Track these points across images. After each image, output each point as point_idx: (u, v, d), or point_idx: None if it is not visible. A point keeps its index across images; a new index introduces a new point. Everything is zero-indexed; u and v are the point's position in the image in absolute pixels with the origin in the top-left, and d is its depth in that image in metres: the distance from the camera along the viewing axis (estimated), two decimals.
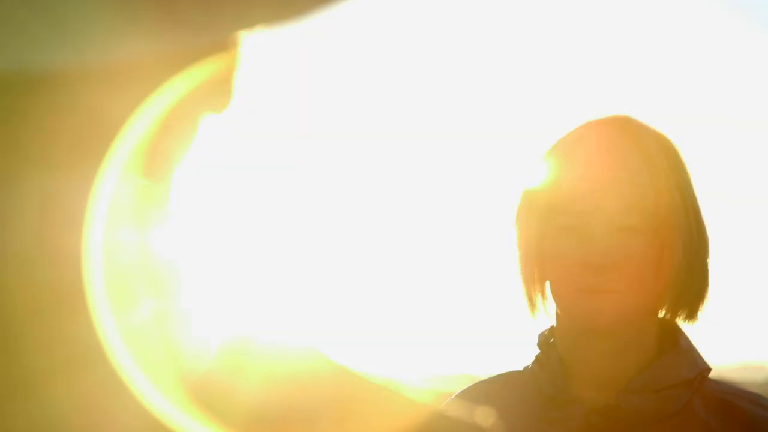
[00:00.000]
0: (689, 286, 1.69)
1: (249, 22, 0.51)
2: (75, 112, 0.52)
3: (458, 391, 1.82)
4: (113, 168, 0.53)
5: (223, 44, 0.55)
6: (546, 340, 1.76)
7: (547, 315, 1.76)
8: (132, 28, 0.49)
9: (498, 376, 1.82)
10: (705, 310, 1.73)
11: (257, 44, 0.56)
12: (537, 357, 1.77)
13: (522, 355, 1.82)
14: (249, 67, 0.58)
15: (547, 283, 1.73)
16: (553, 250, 1.69)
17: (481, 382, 1.83)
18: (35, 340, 0.52)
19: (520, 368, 1.81)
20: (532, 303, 1.75)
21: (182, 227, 0.59)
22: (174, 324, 0.56)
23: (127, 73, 0.52)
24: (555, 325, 1.75)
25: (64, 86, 0.51)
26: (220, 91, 0.57)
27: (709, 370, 1.73)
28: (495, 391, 1.79)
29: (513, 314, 1.80)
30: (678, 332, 1.73)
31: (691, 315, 1.72)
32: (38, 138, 0.52)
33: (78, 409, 0.52)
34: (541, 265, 1.72)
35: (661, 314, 1.73)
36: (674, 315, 1.72)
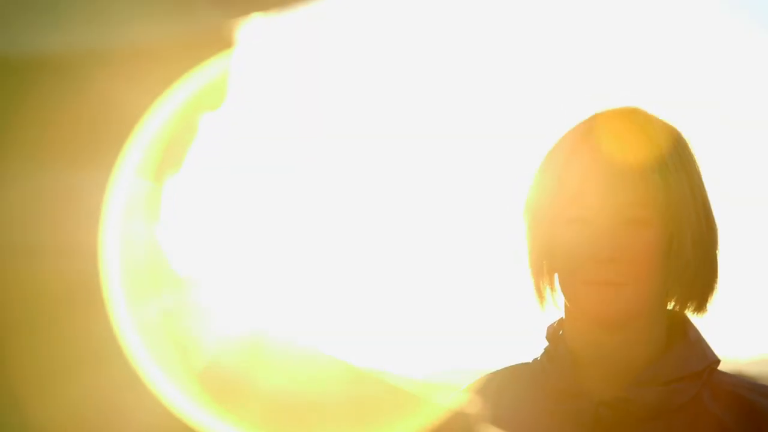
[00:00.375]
0: (698, 278, 1.69)
1: (255, 8, 0.51)
2: (90, 102, 0.52)
3: (467, 384, 1.82)
4: (129, 163, 0.53)
5: (222, 35, 0.55)
6: (555, 333, 1.76)
7: (556, 307, 1.76)
8: (142, 12, 0.49)
9: (507, 368, 1.82)
10: (714, 302, 1.72)
11: (257, 36, 0.56)
12: (546, 349, 1.77)
13: (531, 348, 1.82)
14: (247, 60, 0.58)
15: (556, 276, 1.73)
16: (562, 243, 1.68)
17: (490, 374, 1.83)
18: (51, 334, 0.52)
19: (530, 360, 1.81)
20: (541, 295, 1.75)
21: (194, 224, 0.59)
22: (189, 320, 0.56)
23: (140, 61, 0.52)
24: (564, 318, 1.75)
25: (77, 74, 0.51)
26: (216, 88, 0.57)
27: (718, 362, 1.72)
28: (504, 383, 1.79)
29: (523, 307, 1.80)
30: (687, 324, 1.73)
31: (700, 307, 1.72)
32: (53, 130, 0.52)
33: (93, 404, 0.52)
34: (550, 258, 1.72)
35: (670, 306, 1.73)
36: (683, 307, 1.72)
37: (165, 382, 0.53)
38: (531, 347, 1.82)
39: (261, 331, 0.59)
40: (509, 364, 1.83)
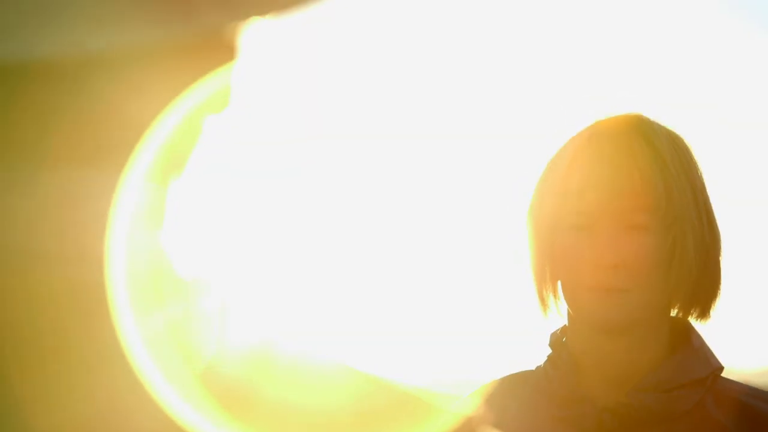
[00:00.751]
0: (701, 284, 1.69)
1: (257, 11, 0.51)
2: (95, 107, 0.52)
3: (471, 392, 1.82)
4: (135, 167, 0.53)
5: (223, 37, 0.55)
6: (558, 340, 1.76)
7: (559, 314, 1.76)
8: (139, 15, 0.48)
9: (511, 375, 1.82)
10: (718, 308, 1.72)
11: (260, 39, 0.56)
12: (549, 356, 1.77)
13: (534, 354, 1.82)
14: (251, 64, 0.58)
15: (559, 282, 1.73)
16: (564, 250, 1.68)
17: (493, 381, 1.82)
18: (55, 339, 0.52)
19: (533, 367, 1.80)
20: (543, 302, 1.75)
21: (200, 231, 0.58)
22: (195, 328, 0.56)
23: (143, 65, 0.52)
24: (567, 324, 1.75)
25: (81, 78, 0.51)
26: (220, 91, 0.57)
27: (721, 368, 1.72)
28: (508, 390, 1.79)
29: (526, 314, 1.80)
30: (690, 331, 1.73)
31: (704, 313, 1.72)
32: (58, 134, 0.51)
33: (98, 410, 0.52)
34: (553, 264, 1.72)
35: (673, 313, 1.73)
36: (686, 313, 1.72)
37: (169, 389, 0.53)
38: (534, 354, 1.82)
39: (267, 338, 0.59)
40: (512, 372, 1.83)
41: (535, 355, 1.82)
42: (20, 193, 0.51)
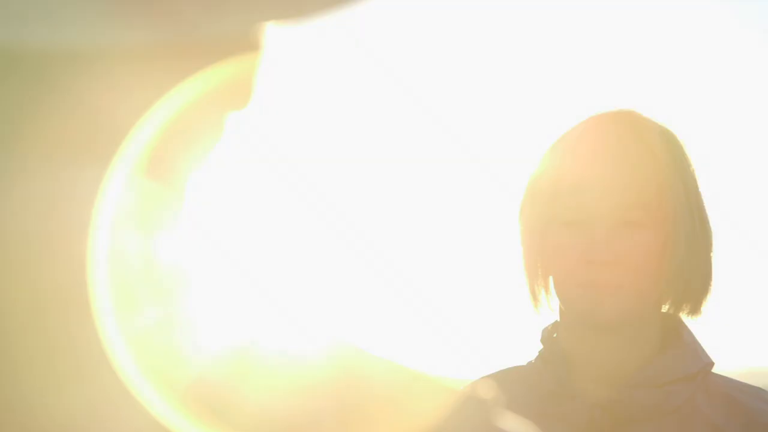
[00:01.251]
0: (692, 280, 1.69)
1: (255, 17, 0.51)
2: (81, 108, 0.51)
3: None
4: (120, 169, 0.52)
5: (241, 38, 0.54)
6: (549, 335, 1.76)
7: (550, 310, 1.76)
8: (125, 15, 0.48)
9: (501, 371, 1.82)
10: (709, 304, 1.72)
11: (279, 43, 0.56)
12: (540, 352, 1.77)
13: (526, 350, 1.82)
14: (269, 67, 0.57)
15: (550, 278, 1.73)
16: (556, 246, 1.68)
17: (484, 377, 1.82)
18: (38, 343, 0.52)
19: (524, 363, 1.80)
20: (535, 298, 1.75)
21: (189, 232, 0.58)
22: (179, 330, 0.56)
23: (131, 67, 0.51)
24: (558, 320, 1.75)
25: (67, 76, 0.50)
26: (240, 87, 0.56)
27: (712, 364, 1.72)
28: (498, 385, 1.78)
29: (518, 310, 1.80)
30: (681, 327, 1.73)
31: (695, 309, 1.72)
32: (44, 133, 0.51)
33: (81, 415, 0.52)
34: (544, 261, 1.72)
35: (664, 309, 1.73)
36: (677, 310, 1.72)
37: (154, 394, 0.52)
38: (525, 350, 1.82)
39: (252, 342, 0.58)
40: (503, 367, 1.83)
41: (526, 351, 1.82)
42: (3, 192, 0.51)
